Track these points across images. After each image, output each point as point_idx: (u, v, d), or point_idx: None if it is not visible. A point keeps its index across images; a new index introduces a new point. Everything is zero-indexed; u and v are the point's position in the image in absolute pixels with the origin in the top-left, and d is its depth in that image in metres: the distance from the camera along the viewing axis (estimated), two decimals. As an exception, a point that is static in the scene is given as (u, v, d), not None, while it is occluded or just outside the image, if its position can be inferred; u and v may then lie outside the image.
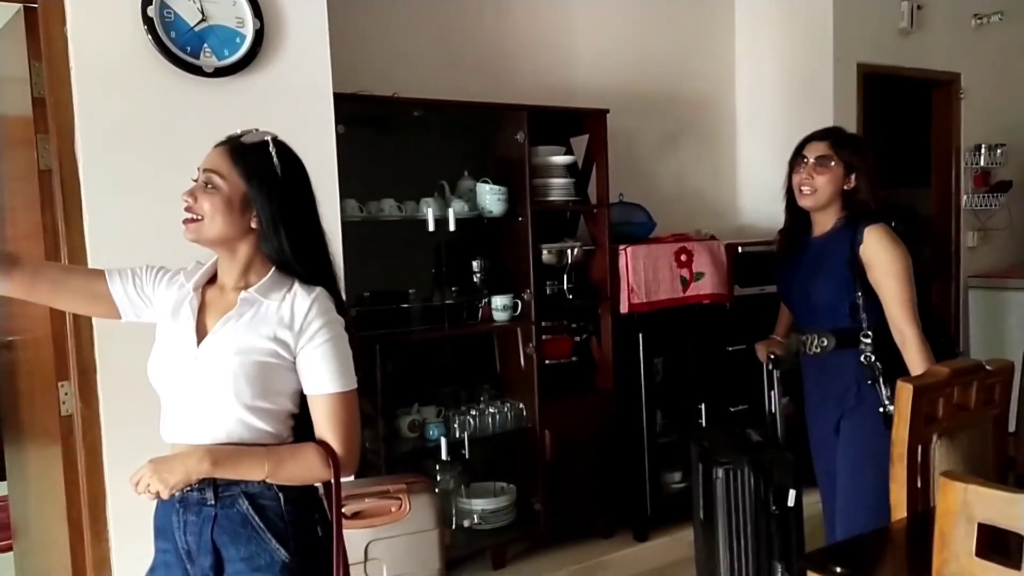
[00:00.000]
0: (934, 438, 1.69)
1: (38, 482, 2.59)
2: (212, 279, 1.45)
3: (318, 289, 1.40)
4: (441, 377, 3.15)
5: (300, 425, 1.42)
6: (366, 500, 2.11)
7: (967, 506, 1.07)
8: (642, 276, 3.21)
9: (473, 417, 3.01)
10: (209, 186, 1.36)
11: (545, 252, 3.11)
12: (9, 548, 3.19)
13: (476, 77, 3.28)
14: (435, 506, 2.22)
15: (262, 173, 1.37)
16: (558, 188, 3.15)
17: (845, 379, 2.15)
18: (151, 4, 2.11)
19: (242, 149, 1.38)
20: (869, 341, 2.09)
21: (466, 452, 2.95)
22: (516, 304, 3.05)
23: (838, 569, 1.38)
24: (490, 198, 2.99)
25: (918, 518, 1.59)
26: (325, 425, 1.38)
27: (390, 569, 2.11)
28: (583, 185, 3.30)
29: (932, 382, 1.67)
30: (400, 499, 2.15)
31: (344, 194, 2.57)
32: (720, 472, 2.15)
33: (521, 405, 3.12)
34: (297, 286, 1.39)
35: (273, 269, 1.39)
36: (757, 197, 4.04)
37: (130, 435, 2.11)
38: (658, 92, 3.80)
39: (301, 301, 1.37)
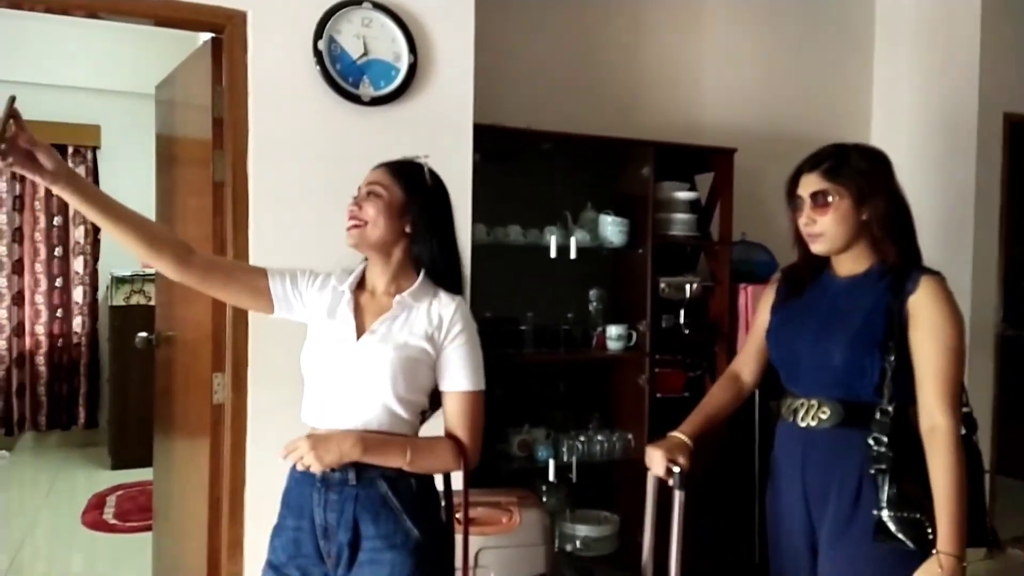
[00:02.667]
0: None
1: (183, 468, 2.83)
2: (359, 285, 1.59)
3: (459, 297, 1.56)
4: (552, 401, 3.22)
5: (423, 420, 1.57)
6: (478, 508, 2.20)
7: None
8: (761, 316, 3.18)
9: (581, 443, 3.06)
10: (371, 194, 1.53)
11: (663, 285, 3.14)
12: (148, 528, 3.49)
13: (605, 112, 3.39)
14: (543, 522, 2.27)
15: (417, 185, 1.55)
16: (680, 223, 3.18)
17: (843, 468, 1.57)
18: (321, 38, 2.35)
19: (400, 166, 1.58)
20: (888, 421, 1.51)
21: (573, 476, 3.00)
22: (631, 335, 3.09)
23: None
24: (611, 229, 3.07)
25: None
26: (457, 420, 1.52)
27: (498, 578, 2.18)
28: (705, 222, 3.32)
29: None
30: (511, 511, 2.23)
31: (474, 219, 2.72)
32: None
33: (630, 436, 3.14)
34: (442, 293, 1.55)
35: (421, 276, 1.54)
36: (887, 244, 3.91)
37: (273, 423, 2.31)
38: (787, 133, 3.78)
39: (447, 305, 1.53)
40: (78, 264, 5.39)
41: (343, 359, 1.50)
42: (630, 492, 3.15)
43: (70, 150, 5.32)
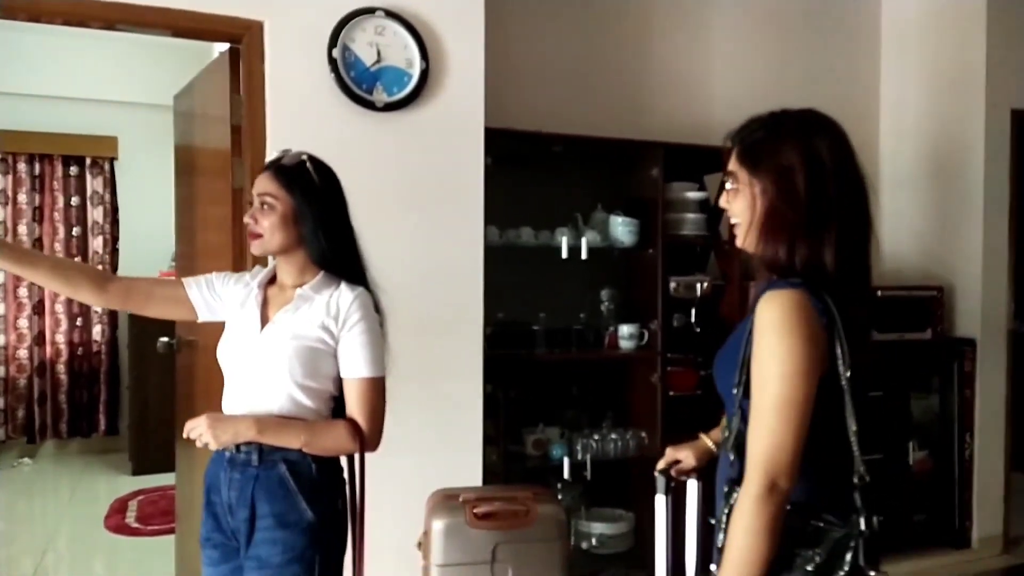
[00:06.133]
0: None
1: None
2: (272, 280, 1.69)
3: (360, 288, 1.62)
4: (566, 400, 3.26)
5: (339, 407, 1.63)
6: (495, 503, 2.24)
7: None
8: (772, 314, 3.20)
9: (595, 442, 3.09)
10: (265, 207, 1.59)
11: (674, 285, 3.18)
12: (171, 531, 3.55)
13: (615, 114, 3.43)
14: (559, 517, 2.30)
15: (303, 186, 1.59)
16: (690, 223, 3.22)
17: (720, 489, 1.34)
18: (336, 46, 2.41)
19: (284, 170, 1.61)
20: (733, 458, 1.27)
21: (588, 474, 3.03)
22: (643, 334, 3.13)
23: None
24: (622, 229, 3.11)
25: None
26: (355, 405, 1.59)
27: (515, 572, 2.20)
28: (715, 221, 3.35)
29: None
30: (527, 506, 2.26)
31: (486, 221, 2.76)
32: None
33: (643, 434, 3.17)
34: (343, 285, 1.61)
35: (322, 272, 1.62)
36: (899, 241, 3.93)
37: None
38: None
39: (345, 296, 1.60)
40: (97, 273, 5.48)
41: (248, 349, 1.60)
42: (645, 490, 3.17)
43: (88, 161, 5.41)
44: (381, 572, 2.51)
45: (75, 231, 5.43)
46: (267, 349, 1.57)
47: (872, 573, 1.13)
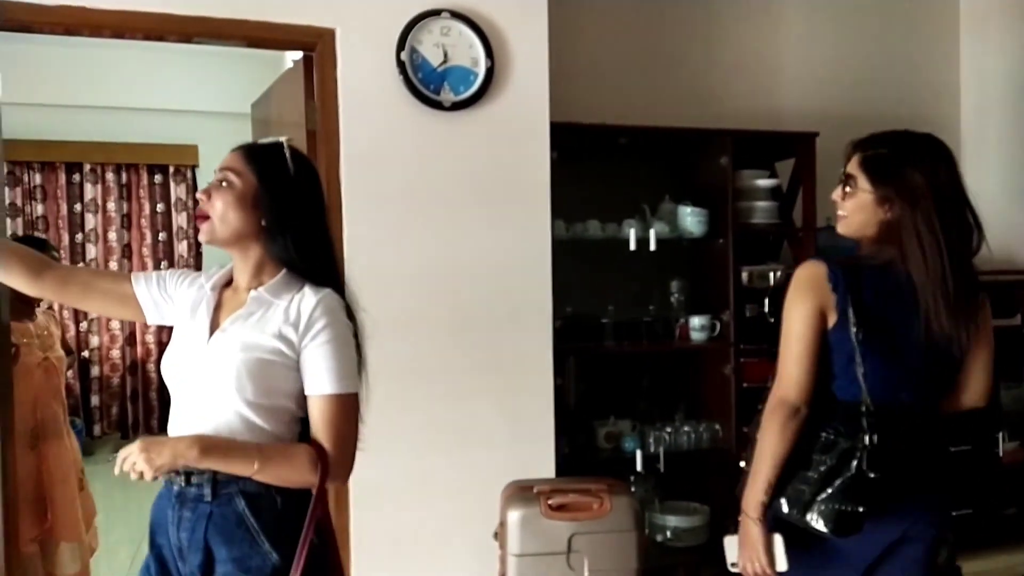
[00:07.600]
0: None
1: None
2: (229, 282, 1.47)
3: (327, 290, 1.38)
4: (637, 393, 3.24)
5: (307, 430, 1.38)
6: (569, 495, 2.26)
7: None
8: (849, 302, 3.12)
9: (668, 434, 3.08)
10: (224, 183, 1.37)
11: (745, 274, 3.13)
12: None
13: (681, 102, 3.39)
14: (634, 508, 2.31)
15: (275, 171, 1.38)
16: (761, 211, 3.16)
17: None
18: (404, 49, 2.47)
19: (257, 149, 1.42)
20: None
21: (661, 467, 3.02)
22: (714, 325, 3.09)
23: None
24: (691, 220, 3.08)
25: None
26: (320, 426, 1.34)
27: (591, 563, 2.22)
28: (788, 209, 3.28)
29: None
30: (601, 498, 2.28)
31: (552, 215, 2.77)
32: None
33: (717, 426, 3.14)
34: (307, 287, 1.38)
35: (284, 271, 1.39)
36: (984, 223, 3.75)
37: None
38: (872, 114, 3.64)
39: (308, 300, 1.36)
40: (181, 276, 5.74)
41: (194, 361, 1.38)
42: (720, 482, 3.15)
43: (171, 169, 5.68)
44: (459, 562, 2.57)
45: (161, 236, 5.71)
46: (213, 362, 1.35)
47: (872, 475, 1.43)
